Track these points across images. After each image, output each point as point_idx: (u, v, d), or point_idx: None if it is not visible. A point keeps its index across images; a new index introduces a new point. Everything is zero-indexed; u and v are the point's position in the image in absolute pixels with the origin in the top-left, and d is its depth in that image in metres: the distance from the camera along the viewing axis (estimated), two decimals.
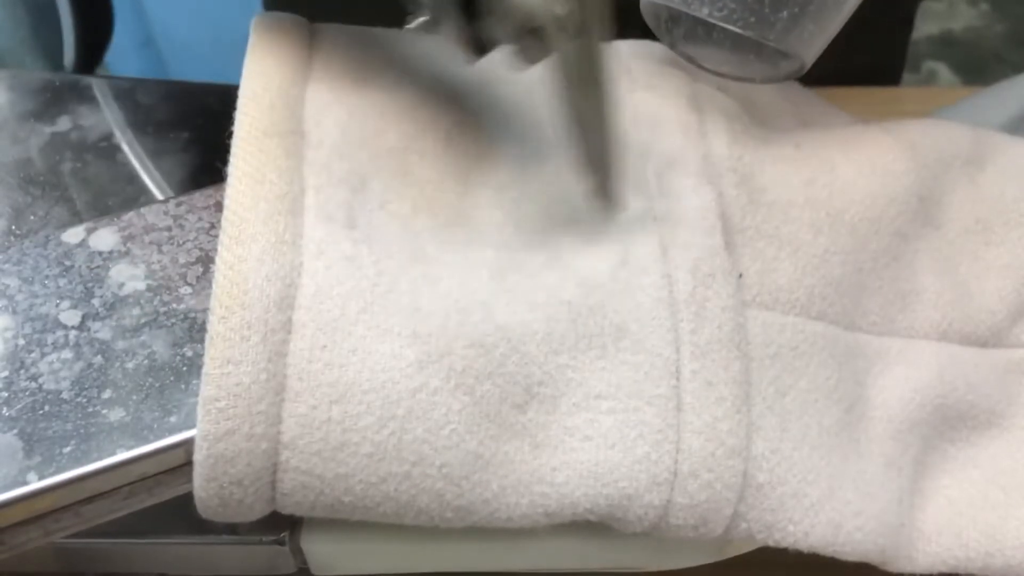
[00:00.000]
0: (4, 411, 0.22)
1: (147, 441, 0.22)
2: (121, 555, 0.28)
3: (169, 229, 0.26)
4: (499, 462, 0.23)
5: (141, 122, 0.32)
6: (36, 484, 0.21)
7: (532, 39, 0.23)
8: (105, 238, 0.26)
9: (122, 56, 1.13)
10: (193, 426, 0.22)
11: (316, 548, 0.27)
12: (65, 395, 0.23)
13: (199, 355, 0.23)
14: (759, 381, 0.25)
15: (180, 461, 0.23)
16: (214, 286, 0.22)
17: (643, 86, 0.29)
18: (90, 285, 0.25)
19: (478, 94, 0.29)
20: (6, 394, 0.23)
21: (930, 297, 0.29)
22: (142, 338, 0.24)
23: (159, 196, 0.27)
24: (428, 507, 0.23)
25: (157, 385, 0.23)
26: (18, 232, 0.28)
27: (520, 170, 0.27)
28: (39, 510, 0.22)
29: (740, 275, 0.26)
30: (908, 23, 0.53)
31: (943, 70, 1.44)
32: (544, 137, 0.28)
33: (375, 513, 0.23)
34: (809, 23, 0.27)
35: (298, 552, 0.27)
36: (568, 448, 0.24)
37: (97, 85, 0.33)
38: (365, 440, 0.22)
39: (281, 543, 0.26)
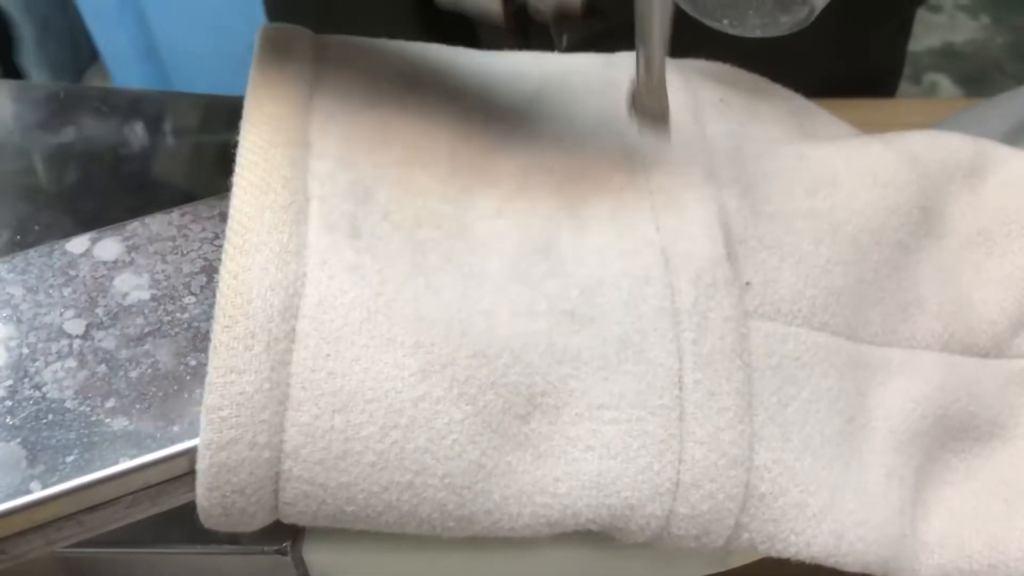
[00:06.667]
0: (8, 420, 0.22)
1: (150, 450, 0.22)
2: (123, 564, 0.28)
3: (173, 239, 0.26)
4: (501, 472, 0.23)
5: (145, 133, 0.32)
6: (39, 493, 0.21)
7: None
8: (109, 248, 0.26)
9: (126, 67, 1.13)
10: (196, 435, 0.22)
11: (318, 558, 0.27)
12: (69, 404, 0.23)
13: (202, 364, 0.23)
14: (761, 391, 0.25)
15: (183, 470, 0.23)
16: (218, 296, 0.23)
17: None
18: (94, 294, 0.25)
19: (482, 105, 0.29)
20: (10, 403, 0.23)
21: (932, 308, 0.29)
22: (146, 347, 0.24)
23: (163, 206, 0.27)
24: (430, 517, 0.23)
25: (160, 394, 0.23)
26: (23, 242, 0.28)
27: (523, 181, 0.28)
28: (42, 519, 0.22)
29: (748, 283, 0.26)
30: (906, 31, 0.53)
31: (944, 82, 1.44)
32: (548, 147, 0.28)
33: (377, 523, 0.23)
34: None
35: (300, 562, 0.27)
36: (570, 458, 0.24)
37: (101, 96, 0.33)
38: (367, 449, 0.22)
39: (283, 553, 0.26)
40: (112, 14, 1.08)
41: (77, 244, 0.26)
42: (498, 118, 0.29)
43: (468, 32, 0.46)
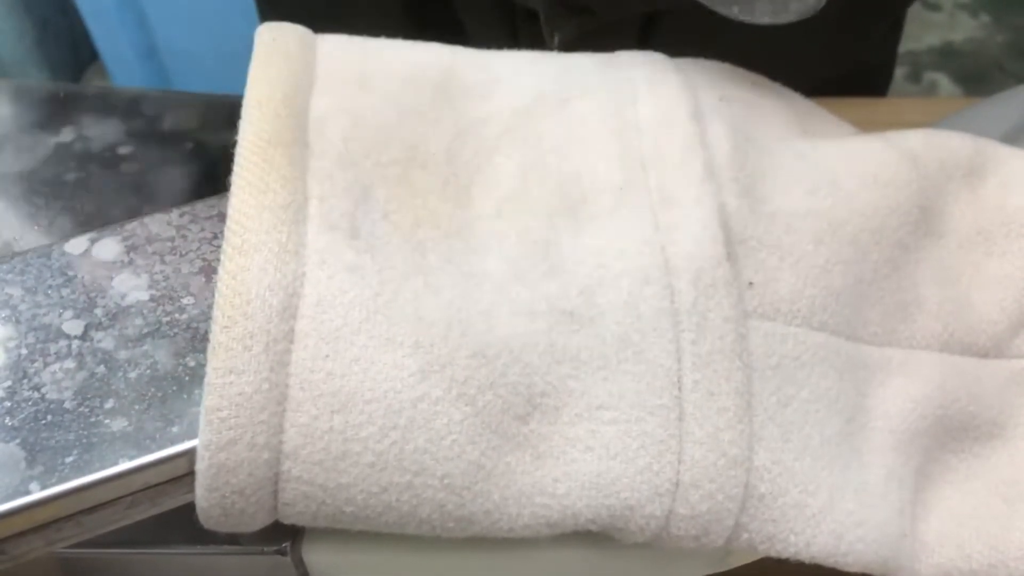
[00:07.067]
0: (7, 421, 0.22)
1: (149, 451, 0.22)
2: (123, 565, 0.28)
3: (172, 239, 0.26)
4: (500, 473, 0.23)
5: (145, 133, 0.32)
6: (38, 494, 0.21)
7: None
8: (108, 248, 0.26)
9: (125, 67, 1.13)
10: (195, 436, 0.22)
11: (318, 558, 0.27)
12: (67, 405, 0.23)
13: (201, 365, 0.23)
14: (761, 392, 0.25)
15: (182, 471, 0.23)
16: (216, 296, 0.23)
17: (644, 95, 0.29)
18: (93, 295, 0.25)
19: (481, 104, 0.29)
20: (9, 404, 0.23)
21: (931, 308, 0.29)
22: (144, 348, 0.24)
23: (162, 206, 0.27)
24: (430, 517, 0.23)
25: (159, 395, 0.23)
26: (21, 242, 0.28)
27: (522, 180, 0.28)
28: (41, 520, 0.22)
29: (751, 283, 0.26)
30: (897, 30, 0.53)
31: (944, 81, 1.45)
32: (547, 147, 0.28)
33: (377, 523, 0.23)
34: None
35: (300, 563, 0.27)
36: (570, 459, 0.24)
37: (101, 96, 0.33)
38: (367, 450, 0.22)
39: (283, 553, 0.26)
40: (112, 14, 1.08)
41: (76, 244, 0.26)
42: (497, 117, 0.29)
43: (457, 32, 0.46)
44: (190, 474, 0.22)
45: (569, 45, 0.32)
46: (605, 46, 0.32)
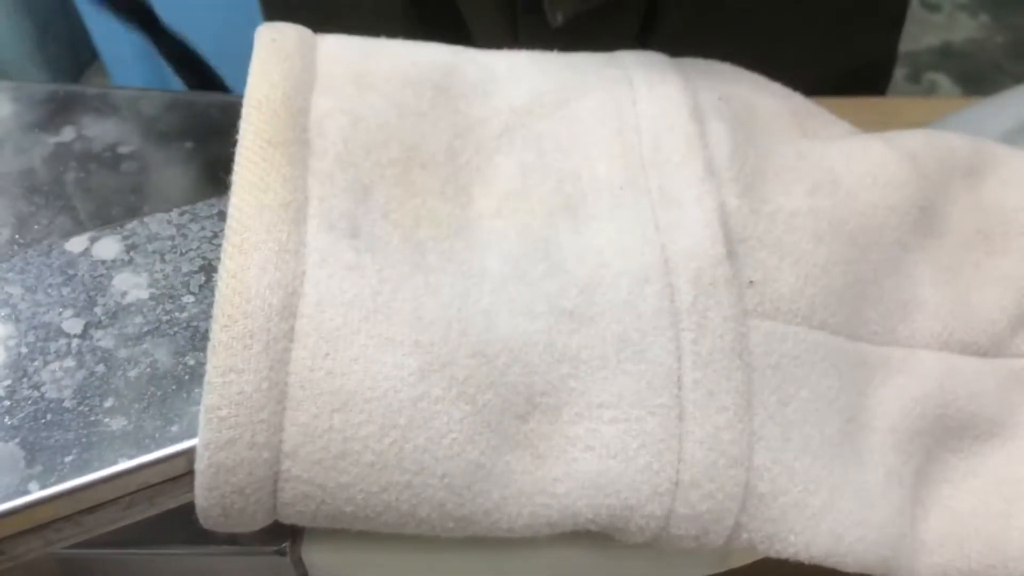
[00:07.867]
0: (6, 420, 0.22)
1: (149, 450, 0.22)
2: (122, 565, 0.28)
3: (172, 238, 0.26)
4: (500, 472, 0.23)
5: (145, 133, 0.32)
6: (37, 493, 0.21)
7: None
8: (108, 247, 0.26)
9: (125, 67, 1.13)
10: (195, 435, 0.22)
11: (317, 558, 0.27)
12: (67, 404, 0.23)
13: (201, 364, 0.23)
14: (761, 391, 0.25)
15: (182, 470, 0.23)
16: (217, 295, 0.23)
17: (644, 96, 0.29)
18: (93, 294, 0.25)
19: (481, 103, 0.29)
20: (8, 403, 0.23)
21: (931, 307, 0.29)
22: (144, 347, 0.24)
23: (162, 205, 0.27)
24: (429, 517, 0.23)
25: (159, 394, 0.23)
26: (22, 241, 0.28)
27: (522, 179, 0.28)
28: (40, 520, 0.22)
29: (751, 282, 0.26)
30: (898, 23, 0.53)
31: (944, 81, 1.45)
32: (547, 146, 0.28)
33: (376, 523, 0.23)
34: None
35: (299, 562, 0.27)
36: (570, 458, 0.24)
37: (101, 96, 0.33)
38: (366, 449, 0.22)
39: (282, 553, 0.26)
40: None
41: (76, 243, 0.26)
42: (497, 117, 0.29)
43: (460, 28, 0.46)
44: (189, 473, 0.22)
45: (569, 31, 0.32)
46: (605, 44, 0.32)
